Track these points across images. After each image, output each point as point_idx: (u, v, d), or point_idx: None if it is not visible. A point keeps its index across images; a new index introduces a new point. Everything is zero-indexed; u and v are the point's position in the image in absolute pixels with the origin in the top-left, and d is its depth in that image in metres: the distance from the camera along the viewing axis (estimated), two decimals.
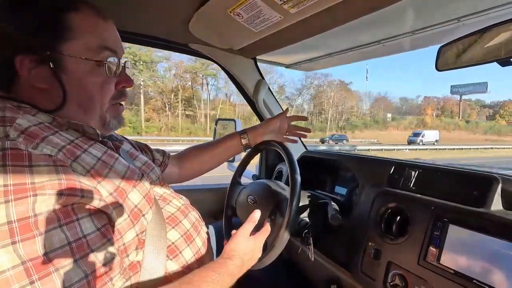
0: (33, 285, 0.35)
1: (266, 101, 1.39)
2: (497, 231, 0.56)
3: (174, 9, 0.91)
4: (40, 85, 0.48)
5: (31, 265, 0.36)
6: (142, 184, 0.55)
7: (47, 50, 0.46)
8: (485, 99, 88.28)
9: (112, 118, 0.58)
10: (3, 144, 0.39)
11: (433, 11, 0.92)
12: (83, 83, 0.51)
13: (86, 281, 0.40)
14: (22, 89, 0.48)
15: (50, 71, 0.47)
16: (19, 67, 0.46)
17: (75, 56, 0.48)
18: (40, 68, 0.47)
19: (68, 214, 0.41)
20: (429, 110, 77.38)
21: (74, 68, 0.49)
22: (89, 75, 0.51)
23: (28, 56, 0.46)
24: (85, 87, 0.51)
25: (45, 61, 0.46)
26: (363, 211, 0.86)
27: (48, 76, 0.47)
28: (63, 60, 0.48)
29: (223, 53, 1.25)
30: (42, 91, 0.49)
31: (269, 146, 0.94)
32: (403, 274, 0.69)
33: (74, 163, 0.45)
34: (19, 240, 0.35)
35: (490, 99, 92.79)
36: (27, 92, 0.48)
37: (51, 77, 0.47)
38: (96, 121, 0.55)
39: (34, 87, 0.48)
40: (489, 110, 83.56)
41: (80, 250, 0.40)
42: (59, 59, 0.47)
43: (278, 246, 0.75)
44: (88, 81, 0.51)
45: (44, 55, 0.46)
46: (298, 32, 0.96)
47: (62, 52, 0.48)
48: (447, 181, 0.75)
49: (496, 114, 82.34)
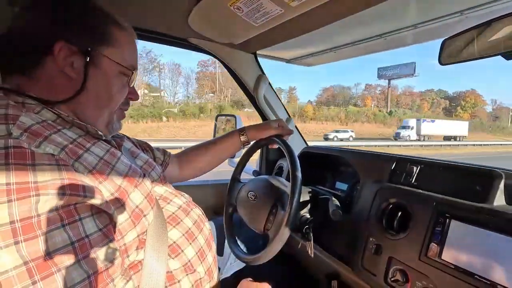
0: (35, 285, 0.35)
1: (267, 97, 1.38)
2: (499, 226, 0.56)
3: (173, 3, 0.90)
4: (69, 72, 0.51)
5: (34, 265, 0.35)
6: (143, 184, 0.55)
7: (89, 46, 0.52)
8: (448, 89, 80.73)
9: (116, 120, 0.63)
10: (6, 142, 0.39)
11: (436, 5, 0.91)
12: (109, 82, 0.57)
13: (88, 282, 0.40)
14: (45, 74, 0.51)
15: (83, 63, 0.52)
16: (57, 51, 0.49)
17: (111, 59, 0.55)
18: (75, 57, 0.51)
19: (71, 213, 0.40)
20: (368, 100, 68.28)
21: (107, 67, 0.55)
22: (116, 78, 0.58)
23: (70, 45, 0.50)
24: (109, 86, 0.57)
25: (82, 53, 0.51)
26: (364, 207, 0.86)
27: (78, 66, 0.52)
28: (100, 58, 0.54)
29: (223, 48, 1.24)
30: (63, 80, 0.52)
31: (270, 142, 0.94)
32: (404, 269, 0.69)
33: (76, 163, 0.45)
34: (21, 240, 0.35)
35: (455, 89, 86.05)
36: (48, 78, 0.51)
37: (81, 68, 0.52)
38: (104, 118, 0.59)
39: (59, 74, 0.51)
40: (445, 101, 75.31)
41: (83, 250, 0.40)
42: (96, 56, 0.53)
43: (279, 242, 0.75)
44: (114, 82, 0.58)
45: (84, 49, 0.52)
46: (299, 26, 0.95)
47: (102, 52, 0.54)
48: (449, 176, 0.74)
49: (458, 106, 73.38)
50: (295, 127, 1.45)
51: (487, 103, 78.35)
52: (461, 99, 74.10)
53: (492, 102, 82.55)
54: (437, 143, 30.37)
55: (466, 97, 73.55)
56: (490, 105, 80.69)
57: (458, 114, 71.22)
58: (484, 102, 75.86)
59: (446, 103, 76.22)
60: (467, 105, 72.00)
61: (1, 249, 0.34)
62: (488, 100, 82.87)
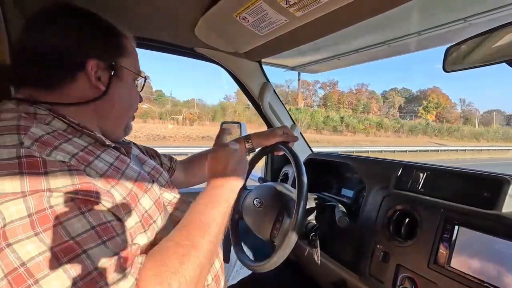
0: (63, 266, 0.37)
1: (272, 104, 1.39)
2: (509, 233, 0.55)
3: (180, 14, 0.92)
4: (99, 85, 0.55)
5: (58, 249, 0.37)
6: (152, 189, 0.57)
7: (112, 61, 0.57)
8: (413, 88, 69.99)
9: (131, 122, 0.67)
10: (18, 151, 0.40)
11: (440, 12, 0.91)
12: (129, 90, 0.62)
13: (117, 259, 0.41)
14: (77, 89, 0.54)
15: (108, 76, 0.56)
16: (90, 68, 0.54)
17: (128, 69, 0.60)
18: (102, 72, 0.56)
19: (88, 202, 0.42)
20: (301, 99, 59.16)
21: (126, 78, 0.60)
22: (132, 85, 0.63)
23: (100, 61, 0.55)
24: (130, 94, 0.63)
25: (108, 68, 0.56)
26: (371, 214, 0.85)
27: (105, 80, 0.56)
28: (121, 70, 0.58)
29: (228, 57, 1.26)
30: (92, 93, 0.55)
31: (275, 148, 0.94)
32: (413, 277, 0.69)
33: (88, 168, 0.46)
34: (41, 231, 0.37)
35: (418, 87, 74.45)
36: (75, 91, 0.54)
37: (106, 81, 0.56)
38: (124, 123, 0.64)
39: (86, 87, 0.55)
40: (401, 99, 63.64)
41: (107, 233, 0.42)
42: (119, 69, 0.58)
43: (286, 248, 0.75)
44: (132, 90, 0.63)
45: (109, 63, 0.56)
46: (303, 35, 0.96)
47: (121, 64, 0.58)
48: (456, 183, 0.74)
49: (419, 106, 62.95)
50: (300, 134, 1.45)
51: (454, 103, 69.51)
52: (423, 99, 64.49)
53: (461, 102, 73.64)
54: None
55: (428, 96, 64.03)
56: (459, 105, 71.69)
57: (420, 115, 62.05)
58: (448, 101, 66.16)
59: (401, 101, 65.57)
60: (430, 105, 62.94)
61: (24, 240, 0.36)
62: (456, 100, 76.49)
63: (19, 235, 0.36)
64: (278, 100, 1.42)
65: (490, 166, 17.70)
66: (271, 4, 0.76)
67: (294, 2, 0.74)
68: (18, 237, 0.36)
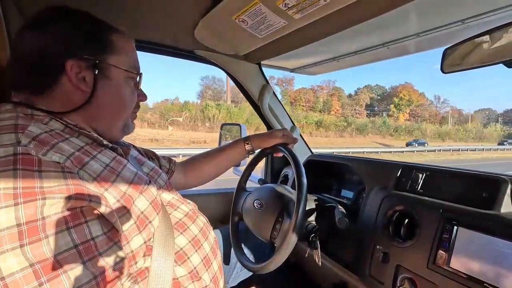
0: (42, 287, 0.36)
1: (271, 106, 1.40)
2: (508, 233, 0.56)
3: (180, 16, 0.93)
4: (84, 87, 0.53)
5: (39, 267, 0.37)
6: (149, 190, 0.56)
7: (96, 59, 0.53)
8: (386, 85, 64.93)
9: (130, 122, 0.65)
10: (15, 149, 0.40)
11: (438, 14, 0.92)
12: (120, 90, 0.59)
13: (96, 282, 0.41)
14: (61, 92, 0.53)
15: (92, 76, 0.53)
16: (69, 69, 0.51)
17: (119, 67, 0.57)
18: (85, 72, 0.53)
19: (76, 216, 0.42)
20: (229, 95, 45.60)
21: (116, 76, 0.57)
22: (125, 84, 0.59)
23: (80, 61, 0.52)
24: (121, 93, 0.59)
25: (91, 67, 0.53)
26: (370, 214, 0.86)
27: (89, 80, 0.53)
28: (108, 68, 0.55)
29: (228, 59, 1.27)
30: (78, 95, 0.53)
31: (275, 150, 0.95)
32: (413, 278, 0.69)
33: (81, 171, 0.46)
34: (27, 243, 0.36)
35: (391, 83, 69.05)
36: (65, 95, 0.53)
37: (91, 81, 0.53)
38: (120, 124, 0.61)
39: (74, 91, 0.53)
40: (367, 97, 57.76)
41: (88, 253, 0.41)
42: (104, 67, 0.55)
43: (286, 250, 0.75)
44: (125, 89, 0.59)
45: (92, 62, 0.53)
46: (302, 37, 0.97)
47: (109, 62, 0.55)
48: (455, 183, 0.74)
49: (391, 104, 57.67)
50: (300, 135, 1.46)
51: (428, 100, 65.34)
52: (394, 96, 58.30)
53: (436, 99, 68.98)
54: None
55: (398, 93, 58.01)
56: (434, 103, 67.56)
57: (391, 114, 56.58)
58: (421, 97, 61.49)
59: (368, 99, 59.07)
60: (402, 102, 57.59)
61: (8, 251, 0.35)
62: (431, 97, 70.54)
63: (4, 245, 0.35)
64: (277, 102, 1.42)
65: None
66: (270, 6, 0.77)
67: (293, 5, 0.74)
68: (3, 247, 0.35)
